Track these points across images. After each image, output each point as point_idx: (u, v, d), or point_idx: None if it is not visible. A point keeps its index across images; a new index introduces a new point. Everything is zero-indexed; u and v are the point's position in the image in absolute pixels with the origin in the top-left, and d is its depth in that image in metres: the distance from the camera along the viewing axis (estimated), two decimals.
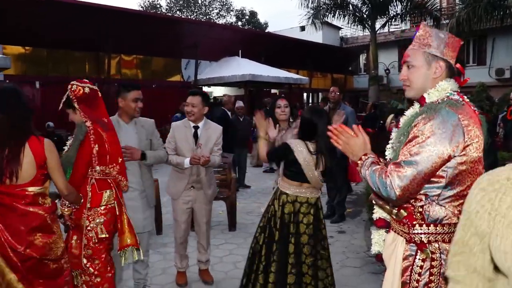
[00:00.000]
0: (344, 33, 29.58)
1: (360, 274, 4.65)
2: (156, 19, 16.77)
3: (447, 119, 1.82)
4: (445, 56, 2.00)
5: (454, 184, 1.87)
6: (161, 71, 18.16)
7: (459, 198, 1.88)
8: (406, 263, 1.97)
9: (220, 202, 6.67)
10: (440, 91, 1.97)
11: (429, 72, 2.02)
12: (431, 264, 1.90)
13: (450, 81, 2.00)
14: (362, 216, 6.94)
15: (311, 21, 19.66)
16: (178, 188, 4.31)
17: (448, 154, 1.81)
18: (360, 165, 1.99)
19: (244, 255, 5.17)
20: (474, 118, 1.90)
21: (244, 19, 37.96)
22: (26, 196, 2.72)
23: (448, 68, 2.01)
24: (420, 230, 1.93)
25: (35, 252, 2.72)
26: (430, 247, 1.91)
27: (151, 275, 4.63)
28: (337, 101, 6.69)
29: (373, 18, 19.13)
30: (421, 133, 1.84)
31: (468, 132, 1.82)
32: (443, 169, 1.85)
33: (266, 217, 3.63)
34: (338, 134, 2.10)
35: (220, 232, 6.19)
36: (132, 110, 3.78)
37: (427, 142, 1.82)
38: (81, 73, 15.38)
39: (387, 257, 2.15)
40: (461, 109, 1.87)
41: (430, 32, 2.04)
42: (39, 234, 2.75)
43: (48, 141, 2.83)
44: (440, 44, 2.01)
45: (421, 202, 1.92)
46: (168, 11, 34.93)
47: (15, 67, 13.57)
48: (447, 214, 1.88)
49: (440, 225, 1.90)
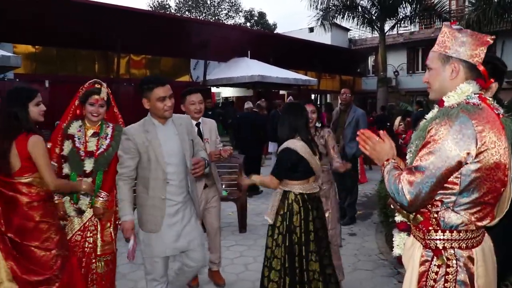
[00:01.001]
0: (352, 34, 29.54)
1: (372, 277, 4.62)
2: (165, 19, 16.82)
3: (459, 125, 1.77)
4: (461, 56, 1.92)
5: (469, 191, 1.82)
6: (170, 71, 18.17)
7: (475, 206, 1.83)
8: (423, 269, 1.94)
9: (230, 203, 6.66)
10: (460, 94, 1.90)
11: (445, 74, 1.96)
12: (446, 271, 1.87)
13: (471, 83, 1.92)
14: (372, 218, 6.90)
15: (320, 23, 19.62)
16: (198, 189, 4.04)
17: (459, 161, 1.76)
18: (383, 170, 1.97)
19: (255, 256, 5.18)
20: (492, 123, 1.83)
21: (253, 20, 37.98)
22: (11, 183, 2.96)
23: (468, 69, 1.93)
24: (436, 236, 1.90)
25: (14, 235, 2.95)
26: (445, 253, 1.88)
27: None
28: (348, 103, 6.66)
29: (382, 20, 19.08)
30: (432, 138, 1.81)
31: (482, 138, 1.77)
32: (457, 176, 1.81)
33: (284, 225, 3.49)
34: (365, 139, 2.07)
35: (230, 234, 6.17)
36: (161, 111, 3.19)
37: (437, 148, 1.78)
38: (90, 73, 15.45)
39: (406, 260, 2.12)
40: (477, 113, 1.81)
41: (447, 32, 1.98)
42: (17, 219, 2.96)
43: (34, 137, 2.97)
44: (455, 43, 1.94)
45: (437, 208, 1.88)
46: (177, 12, 35.01)
47: (25, 66, 13.62)
48: (463, 221, 1.84)
49: (456, 232, 1.86)
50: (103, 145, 3.48)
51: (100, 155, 3.45)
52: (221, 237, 5.51)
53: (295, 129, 3.55)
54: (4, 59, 9.83)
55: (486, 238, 1.96)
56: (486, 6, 14.11)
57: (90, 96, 3.45)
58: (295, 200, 3.50)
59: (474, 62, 1.92)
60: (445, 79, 1.98)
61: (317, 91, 23.67)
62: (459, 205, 1.84)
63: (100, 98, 3.47)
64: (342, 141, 6.56)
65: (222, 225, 6.49)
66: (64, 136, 3.47)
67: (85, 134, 3.49)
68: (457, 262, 1.86)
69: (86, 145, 3.46)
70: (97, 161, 3.44)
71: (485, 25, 14.13)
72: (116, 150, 3.35)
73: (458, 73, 1.94)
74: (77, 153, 3.43)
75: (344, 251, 5.39)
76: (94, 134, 3.50)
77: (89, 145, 3.46)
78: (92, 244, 3.48)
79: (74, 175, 3.42)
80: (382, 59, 19.38)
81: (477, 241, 1.89)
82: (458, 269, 1.85)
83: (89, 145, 3.46)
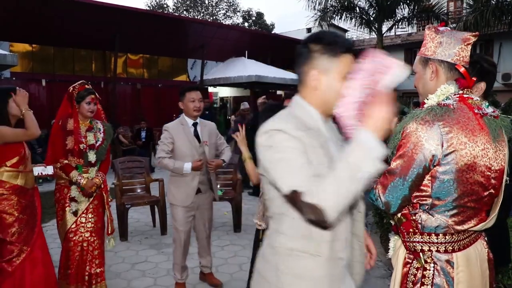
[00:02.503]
0: (350, 35, 29.52)
1: (367, 278, 4.60)
2: (163, 19, 16.74)
3: (424, 127, 1.77)
4: (439, 57, 1.91)
5: (442, 194, 1.80)
6: (167, 70, 18.17)
7: (452, 209, 1.81)
8: (405, 270, 1.95)
9: (225, 203, 6.66)
10: (439, 95, 1.89)
11: (426, 77, 1.97)
12: (423, 274, 1.87)
13: (451, 84, 1.91)
14: (367, 219, 6.88)
15: (318, 23, 19.57)
16: (189, 193, 4.10)
17: (425, 164, 1.76)
18: None
19: (249, 256, 5.15)
20: (464, 123, 1.79)
21: (250, 20, 37.99)
22: None
23: (447, 69, 1.92)
24: (415, 238, 1.89)
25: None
26: (424, 256, 1.87)
27: (155, 276, 4.62)
28: None
29: (380, 21, 19.05)
30: (402, 142, 1.81)
31: (449, 140, 1.75)
32: (428, 179, 1.80)
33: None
34: None
35: (225, 234, 6.17)
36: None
37: (405, 151, 1.78)
38: (88, 72, 15.43)
39: (394, 262, 2.12)
40: (446, 115, 1.79)
41: (427, 34, 1.98)
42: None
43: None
44: (432, 45, 1.94)
45: (415, 210, 1.88)
46: (175, 11, 34.99)
47: (22, 65, 13.61)
48: (440, 224, 1.83)
49: (434, 235, 1.85)
50: (99, 139, 3.91)
51: (99, 147, 3.89)
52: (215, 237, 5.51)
53: None
54: (0, 58, 9.80)
55: (478, 244, 1.94)
56: (483, 8, 14.11)
57: (87, 95, 3.80)
58: None
59: (454, 61, 1.90)
60: (426, 81, 1.98)
61: None
62: (435, 208, 1.83)
63: (95, 97, 3.86)
64: None
65: (217, 225, 6.51)
66: (64, 132, 3.76)
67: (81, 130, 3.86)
68: (434, 266, 1.85)
69: (86, 140, 3.82)
70: (98, 152, 3.88)
71: (483, 27, 14.12)
72: (109, 142, 3.99)
73: (437, 74, 1.94)
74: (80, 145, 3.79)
75: None
76: (88, 129, 3.86)
77: (89, 139, 3.83)
78: (94, 224, 3.86)
79: (80, 166, 3.79)
80: None
81: (461, 245, 1.86)
82: (435, 272, 1.84)
83: (89, 139, 3.83)
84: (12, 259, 3.28)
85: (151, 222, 6.49)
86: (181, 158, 4.00)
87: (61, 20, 12.81)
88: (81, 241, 3.79)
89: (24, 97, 3.37)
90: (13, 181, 3.30)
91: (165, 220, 6.11)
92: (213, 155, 4.24)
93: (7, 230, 3.27)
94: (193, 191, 4.09)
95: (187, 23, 18.11)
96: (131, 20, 14.25)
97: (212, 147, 4.20)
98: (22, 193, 3.38)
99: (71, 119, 3.81)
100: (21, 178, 3.35)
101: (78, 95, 3.79)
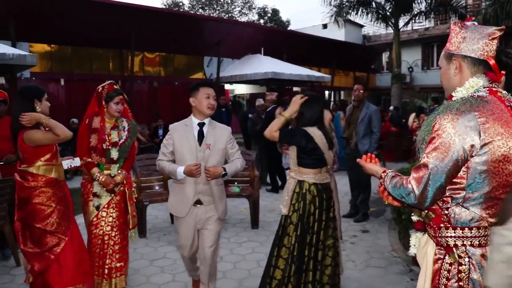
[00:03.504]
0: (366, 31, 29.30)
1: (385, 274, 4.59)
2: (179, 17, 16.82)
3: (461, 118, 1.76)
4: (462, 52, 1.92)
5: (478, 186, 1.79)
6: (183, 68, 18.25)
7: (486, 201, 1.80)
8: (436, 267, 1.92)
9: (242, 199, 6.68)
10: (468, 88, 1.89)
11: (450, 72, 1.97)
12: (458, 269, 1.84)
13: (480, 77, 1.90)
14: (385, 215, 6.86)
15: (334, 19, 19.47)
16: (185, 203, 3.56)
17: (463, 154, 1.74)
18: (383, 182, 1.97)
19: (267, 253, 5.14)
20: (499, 114, 1.79)
21: (266, 16, 37.84)
22: (20, 171, 3.58)
23: (472, 64, 1.92)
24: (447, 233, 1.87)
25: (19, 212, 3.56)
26: (457, 251, 1.85)
27: (173, 272, 4.66)
28: (361, 99, 6.62)
29: (397, 16, 18.86)
30: (436, 133, 1.79)
31: (486, 130, 1.74)
32: (463, 170, 1.78)
33: (298, 214, 3.55)
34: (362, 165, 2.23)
35: (242, 230, 6.19)
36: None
37: (441, 142, 1.77)
38: (105, 71, 15.58)
39: (420, 258, 2.09)
40: (481, 105, 1.78)
41: (452, 29, 1.98)
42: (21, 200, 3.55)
43: (25, 132, 3.46)
44: (456, 40, 1.94)
45: (447, 205, 1.86)
46: (191, 9, 35.07)
47: (41, 65, 13.79)
48: (474, 217, 1.81)
49: (467, 229, 1.83)
50: (123, 137, 4.03)
51: (123, 145, 4.00)
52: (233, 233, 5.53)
53: (316, 119, 3.64)
54: (21, 58, 9.94)
55: None
56: (504, 0, 13.84)
57: (116, 96, 3.93)
58: (309, 190, 3.56)
59: (478, 56, 1.90)
60: (450, 77, 1.98)
61: (331, 87, 23.56)
62: (468, 200, 1.81)
63: (123, 97, 4.01)
64: (355, 138, 6.53)
65: (234, 221, 6.54)
66: (89, 130, 3.92)
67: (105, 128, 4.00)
68: (469, 260, 1.83)
69: (109, 138, 3.95)
70: (121, 150, 3.99)
71: (503, 19, 13.86)
72: (133, 140, 4.11)
73: (461, 69, 1.94)
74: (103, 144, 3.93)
75: (356, 248, 5.38)
76: (113, 128, 3.99)
77: (112, 137, 3.96)
78: (115, 218, 3.99)
79: (102, 164, 3.94)
80: (397, 55, 19.18)
81: None
82: (471, 267, 1.82)
83: (112, 137, 3.96)
84: (53, 248, 3.54)
85: (169, 219, 6.53)
86: (180, 162, 3.53)
87: (78, 20, 12.94)
88: (101, 234, 3.91)
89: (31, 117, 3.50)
90: (49, 174, 3.57)
91: None
92: (219, 163, 3.60)
93: (47, 220, 3.52)
94: (189, 200, 3.54)
95: (203, 21, 18.18)
96: (147, 19, 14.34)
97: (218, 153, 3.59)
98: (57, 185, 3.64)
99: (97, 117, 3.96)
100: (55, 171, 3.62)
101: (107, 95, 3.93)
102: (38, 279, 3.57)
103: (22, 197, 3.54)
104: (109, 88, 3.96)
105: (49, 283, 3.52)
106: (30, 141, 3.45)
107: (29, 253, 3.55)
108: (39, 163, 3.53)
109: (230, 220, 6.65)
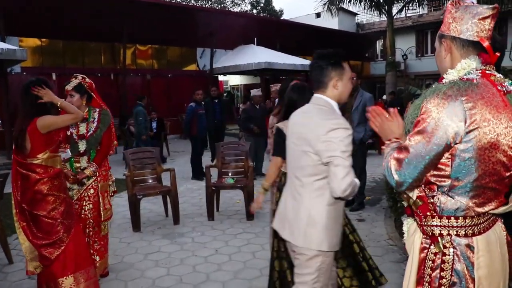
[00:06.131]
0: (360, 19, 29.21)
1: (382, 263, 4.56)
2: (171, 8, 16.69)
3: (447, 102, 1.66)
4: (451, 33, 1.83)
5: (463, 174, 1.71)
6: (176, 60, 18.15)
7: (472, 190, 1.73)
8: (422, 256, 1.86)
9: (237, 191, 6.63)
10: (459, 70, 1.80)
11: (441, 54, 1.90)
12: (442, 259, 1.78)
13: (472, 59, 1.81)
14: (381, 203, 6.83)
15: (327, 8, 19.36)
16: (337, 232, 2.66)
17: (446, 141, 1.66)
18: (384, 148, 1.88)
19: (262, 244, 5.15)
20: (488, 99, 1.69)
21: (259, 6, 37.68)
22: (26, 164, 3.43)
23: (461, 45, 1.82)
24: (432, 222, 1.80)
25: (26, 205, 3.44)
26: (442, 240, 1.78)
27: (168, 266, 4.61)
28: (355, 87, 6.56)
29: (390, 3, 18.74)
30: (421, 117, 1.71)
31: (472, 116, 1.64)
32: (447, 157, 1.70)
33: None
34: (375, 116, 1.98)
35: (238, 222, 6.15)
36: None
37: (424, 126, 1.68)
38: (97, 64, 15.47)
39: (409, 247, 2.03)
40: (470, 89, 1.68)
41: (447, 9, 1.89)
42: (29, 192, 3.43)
43: (39, 118, 3.38)
44: (447, 20, 1.86)
45: (433, 193, 1.79)
46: (183, 0, 34.83)
47: (32, 59, 13.67)
48: (459, 206, 1.74)
49: (453, 218, 1.76)
50: (92, 128, 4.06)
51: (90, 137, 4.03)
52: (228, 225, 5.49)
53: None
54: (10, 53, 9.85)
55: (497, 226, 1.85)
56: None
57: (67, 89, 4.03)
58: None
59: (467, 37, 1.81)
60: (442, 58, 1.90)
61: None
62: (454, 189, 1.74)
63: (68, 89, 4.04)
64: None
65: (229, 213, 6.50)
66: None
67: None
68: (454, 250, 1.76)
69: (78, 130, 4.01)
70: (89, 141, 4.03)
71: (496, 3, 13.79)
72: (104, 130, 4.10)
73: (450, 50, 1.86)
74: (71, 137, 3.98)
75: None
76: (83, 120, 3.98)
77: (80, 129, 4.02)
78: (88, 211, 4.03)
79: (72, 158, 3.99)
80: (391, 43, 19.09)
81: (481, 228, 1.78)
82: (455, 257, 1.76)
83: (80, 129, 4.02)
84: (64, 235, 3.49)
85: (163, 212, 6.48)
86: None
87: (69, 13, 12.84)
88: None
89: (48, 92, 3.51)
90: (56, 166, 3.54)
91: (178, 210, 6.10)
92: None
93: (58, 209, 3.49)
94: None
95: (195, 12, 18.05)
96: (138, 11, 14.23)
97: None
98: (61, 176, 3.63)
99: None
100: (59, 162, 3.61)
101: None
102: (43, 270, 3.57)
103: (35, 190, 3.44)
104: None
105: (53, 271, 3.49)
106: (45, 125, 3.38)
107: (40, 245, 3.47)
108: (46, 155, 3.46)
109: (225, 212, 6.61)
